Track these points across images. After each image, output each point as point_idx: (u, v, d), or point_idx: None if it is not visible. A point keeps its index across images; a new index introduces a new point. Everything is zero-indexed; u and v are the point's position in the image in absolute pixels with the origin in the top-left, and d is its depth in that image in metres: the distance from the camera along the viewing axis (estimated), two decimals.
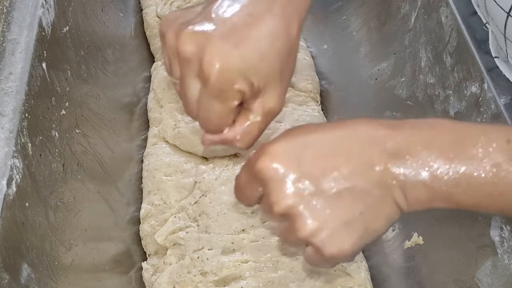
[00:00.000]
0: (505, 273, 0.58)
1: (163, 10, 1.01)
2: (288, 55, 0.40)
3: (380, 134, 0.37)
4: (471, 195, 0.35)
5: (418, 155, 0.35)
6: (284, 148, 0.38)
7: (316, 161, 0.37)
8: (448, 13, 0.75)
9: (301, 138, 0.38)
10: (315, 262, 0.39)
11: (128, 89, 0.93)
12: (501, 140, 0.34)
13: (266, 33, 0.39)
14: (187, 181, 0.82)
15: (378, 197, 0.36)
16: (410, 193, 0.36)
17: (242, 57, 0.38)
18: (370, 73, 0.94)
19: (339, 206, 0.36)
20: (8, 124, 0.54)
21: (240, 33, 0.38)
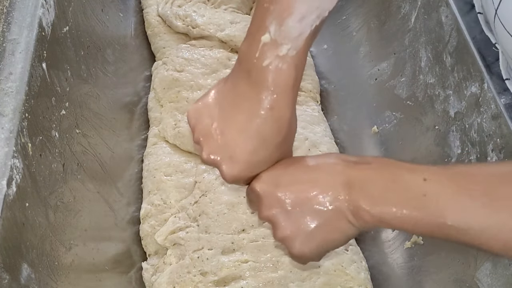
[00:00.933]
0: (504, 273, 0.59)
1: (164, 9, 1.01)
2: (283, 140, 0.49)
3: (338, 169, 0.47)
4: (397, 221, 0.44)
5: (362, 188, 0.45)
6: (269, 175, 0.50)
7: (289, 186, 0.48)
8: (448, 13, 0.75)
9: (282, 168, 0.50)
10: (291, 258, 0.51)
11: (129, 88, 0.93)
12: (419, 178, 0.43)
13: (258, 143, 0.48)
14: (187, 181, 0.82)
15: (333, 216, 0.47)
16: (357, 215, 0.45)
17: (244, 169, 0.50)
18: (370, 73, 0.94)
19: (302, 221, 0.48)
20: (8, 124, 0.54)
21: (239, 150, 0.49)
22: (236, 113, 0.49)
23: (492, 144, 0.63)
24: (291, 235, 0.48)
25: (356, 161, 0.48)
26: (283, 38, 0.45)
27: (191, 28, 0.98)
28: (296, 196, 0.48)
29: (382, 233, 0.81)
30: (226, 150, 0.50)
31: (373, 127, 0.89)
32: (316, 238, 0.48)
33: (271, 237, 0.74)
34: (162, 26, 1.01)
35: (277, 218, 0.49)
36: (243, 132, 0.49)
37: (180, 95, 0.89)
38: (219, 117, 0.51)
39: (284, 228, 0.49)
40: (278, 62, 0.46)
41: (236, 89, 0.50)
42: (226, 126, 0.50)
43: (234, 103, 0.50)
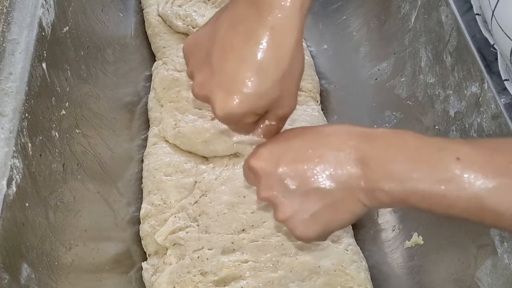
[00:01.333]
0: (505, 272, 0.58)
1: (165, 9, 1.01)
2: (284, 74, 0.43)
3: (349, 144, 0.43)
4: (424, 203, 0.40)
5: (380, 166, 0.41)
6: (269, 150, 0.46)
7: (292, 164, 0.44)
8: (448, 13, 0.75)
9: (284, 142, 0.46)
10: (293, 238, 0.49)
11: (129, 88, 0.93)
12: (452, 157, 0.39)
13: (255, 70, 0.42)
14: (187, 181, 0.82)
15: (341, 196, 0.43)
16: (371, 195, 0.42)
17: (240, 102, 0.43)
18: (370, 73, 0.94)
19: (307, 201, 0.44)
20: (8, 124, 0.54)
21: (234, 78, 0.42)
22: (233, 36, 0.43)
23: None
24: (295, 216, 0.45)
25: (370, 133, 0.44)
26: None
27: (191, 28, 0.98)
28: (300, 175, 0.44)
29: (382, 233, 0.81)
30: (219, 80, 0.43)
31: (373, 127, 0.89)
32: (321, 219, 0.44)
33: (271, 237, 0.75)
34: (163, 26, 1.01)
35: (278, 199, 0.45)
36: (239, 58, 0.42)
37: (180, 95, 0.89)
38: (214, 43, 0.44)
39: (286, 209, 0.45)
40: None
41: (234, 11, 0.44)
42: (220, 52, 0.43)
43: (231, 25, 0.43)
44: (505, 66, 0.66)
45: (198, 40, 0.47)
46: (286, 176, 0.44)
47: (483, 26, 0.70)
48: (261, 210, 0.75)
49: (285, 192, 0.45)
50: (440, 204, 0.40)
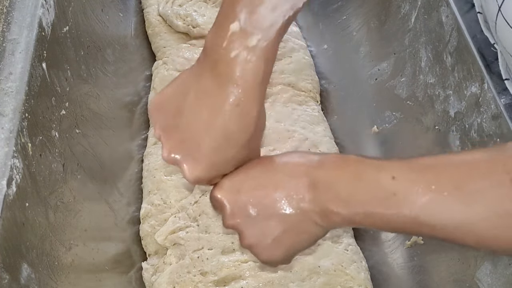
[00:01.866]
0: (505, 273, 0.59)
1: (165, 9, 1.01)
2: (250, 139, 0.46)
3: (301, 170, 0.45)
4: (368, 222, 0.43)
5: (328, 189, 0.44)
6: (230, 181, 0.48)
7: (251, 191, 0.47)
8: (448, 13, 0.75)
9: (243, 172, 0.48)
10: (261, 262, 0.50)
11: (129, 88, 0.93)
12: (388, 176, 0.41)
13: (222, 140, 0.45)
14: None
15: (299, 219, 0.45)
16: (324, 217, 0.44)
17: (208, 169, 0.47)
18: (370, 73, 0.94)
19: (267, 227, 0.46)
20: (8, 124, 0.54)
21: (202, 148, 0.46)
22: (199, 108, 0.46)
23: (492, 144, 0.63)
24: (258, 242, 0.47)
25: (319, 160, 0.46)
26: (254, 27, 0.42)
27: (191, 28, 0.98)
28: (259, 202, 0.46)
29: (382, 233, 0.81)
30: (188, 148, 0.46)
31: (373, 127, 0.89)
32: (283, 243, 0.47)
33: None
34: (163, 26, 1.01)
35: (241, 226, 0.47)
36: (206, 129, 0.45)
37: None
38: (181, 112, 0.47)
39: (250, 236, 0.47)
40: (247, 53, 0.43)
41: (200, 82, 0.46)
42: (189, 122, 0.46)
43: (197, 97, 0.46)
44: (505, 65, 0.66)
45: (164, 103, 0.50)
46: (247, 203, 0.46)
47: (484, 25, 0.70)
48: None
49: (247, 219, 0.47)
50: (382, 222, 0.42)
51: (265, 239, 0.47)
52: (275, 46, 0.44)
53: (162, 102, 0.50)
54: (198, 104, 0.46)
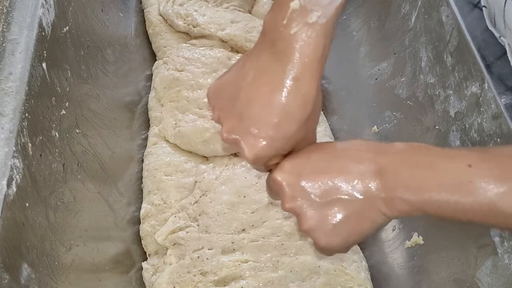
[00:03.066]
0: (505, 272, 0.58)
1: (166, 8, 1.01)
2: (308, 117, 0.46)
3: (367, 157, 0.45)
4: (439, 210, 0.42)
5: (397, 177, 0.43)
6: (291, 163, 0.48)
7: (314, 175, 0.46)
8: (448, 13, 0.75)
9: (306, 155, 0.48)
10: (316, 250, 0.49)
11: (129, 88, 0.93)
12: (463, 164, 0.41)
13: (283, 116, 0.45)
14: (187, 180, 0.82)
15: (362, 206, 0.44)
16: (390, 204, 0.44)
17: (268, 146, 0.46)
18: (370, 73, 0.94)
19: (329, 212, 0.45)
20: (8, 124, 0.54)
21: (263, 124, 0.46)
22: (259, 85, 0.46)
23: (493, 144, 0.63)
24: (317, 227, 0.46)
25: (386, 146, 0.46)
26: (313, 4, 0.43)
27: (192, 27, 0.98)
28: (322, 186, 0.45)
29: (382, 233, 0.81)
30: (248, 126, 0.46)
31: (373, 127, 0.89)
32: (344, 229, 0.46)
33: (271, 237, 0.75)
34: (163, 25, 1.01)
35: (301, 210, 0.46)
36: (266, 105, 0.45)
37: (181, 94, 0.89)
38: (240, 92, 0.47)
39: (310, 219, 0.46)
40: (307, 30, 0.43)
41: (259, 61, 0.47)
42: (248, 100, 0.46)
43: (256, 75, 0.46)
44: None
45: (222, 86, 0.50)
46: (308, 187, 0.46)
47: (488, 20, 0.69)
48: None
49: (308, 203, 0.46)
50: (454, 210, 0.41)
51: (325, 224, 0.46)
52: (333, 24, 0.44)
53: (221, 87, 0.50)
54: (257, 81, 0.46)
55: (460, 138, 0.70)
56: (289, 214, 0.49)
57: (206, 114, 0.87)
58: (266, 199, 0.78)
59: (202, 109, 0.88)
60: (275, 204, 0.78)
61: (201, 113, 0.87)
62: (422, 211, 0.43)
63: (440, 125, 0.74)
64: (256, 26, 0.99)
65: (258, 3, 1.09)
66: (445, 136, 0.73)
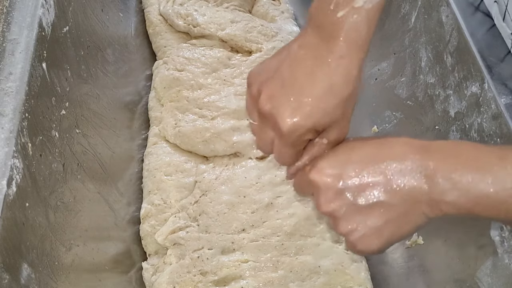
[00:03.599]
0: (505, 272, 0.58)
1: (166, 8, 1.01)
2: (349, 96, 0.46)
3: (411, 157, 0.43)
4: (490, 211, 0.41)
5: (444, 178, 0.41)
6: (329, 164, 0.46)
7: (355, 178, 0.44)
8: (448, 13, 0.75)
9: (345, 154, 0.46)
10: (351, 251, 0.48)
11: (129, 88, 0.93)
12: None
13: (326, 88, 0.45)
14: (187, 180, 0.82)
15: (406, 209, 0.43)
16: (436, 207, 0.42)
17: (308, 116, 0.45)
18: (370, 73, 0.94)
19: (369, 215, 0.44)
20: (8, 124, 0.54)
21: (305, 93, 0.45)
22: (303, 58, 0.46)
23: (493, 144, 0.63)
24: (356, 230, 0.45)
25: (431, 146, 0.44)
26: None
27: (192, 27, 0.98)
28: (363, 189, 0.44)
29: None
30: (290, 93, 0.45)
31: (373, 127, 0.89)
32: (384, 233, 0.44)
33: (271, 237, 0.75)
34: (164, 25, 1.02)
35: (340, 213, 0.45)
36: (309, 77, 0.45)
37: (181, 94, 0.89)
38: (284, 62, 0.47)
39: (348, 223, 0.45)
40: (354, 13, 0.44)
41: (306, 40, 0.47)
42: (292, 70, 0.46)
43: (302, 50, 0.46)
44: None
45: (264, 66, 0.50)
46: (348, 190, 0.44)
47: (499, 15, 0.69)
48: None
49: (347, 206, 0.45)
50: (506, 211, 0.40)
51: (365, 228, 0.44)
52: (378, 10, 0.45)
53: (263, 67, 0.49)
54: (301, 54, 0.46)
55: (460, 138, 0.70)
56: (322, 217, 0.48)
57: (206, 114, 0.87)
58: (266, 199, 0.78)
59: (202, 109, 0.88)
60: (275, 204, 0.77)
61: (201, 113, 0.87)
62: (471, 213, 0.42)
63: (440, 125, 0.74)
64: (256, 26, 0.99)
65: (258, 3, 1.10)
66: (445, 136, 0.73)
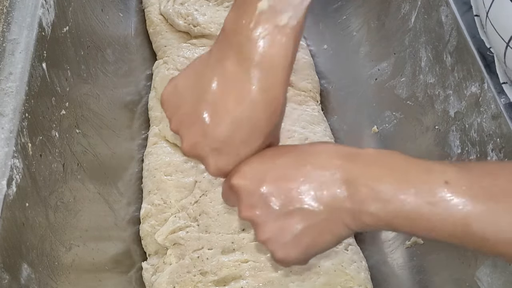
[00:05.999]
0: (505, 272, 0.59)
1: (166, 7, 1.01)
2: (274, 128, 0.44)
3: (335, 164, 0.41)
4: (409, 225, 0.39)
5: (366, 186, 0.40)
6: (252, 168, 0.44)
7: (276, 182, 0.43)
8: (448, 12, 0.75)
9: (268, 161, 0.44)
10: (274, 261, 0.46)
11: (129, 88, 0.93)
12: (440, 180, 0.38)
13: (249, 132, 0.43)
14: (187, 180, 0.82)
15: (325, 217, 0.41)
16: (356, 217, 0.40)
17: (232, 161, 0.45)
18: (370, 73, 0.94)
19: (288, 222, 0.42)
20: (8, 124, 0.54)
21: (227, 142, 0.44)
22: (223, 96, 0.43)
23: (492, 144, 0.63)
24: (275, 238, 0.43)
25: (357, 153, 0.42)
26: (284, 4, 0.40)
27: (192, 27, 0.98)
28: (283, 194, 0.42)
29: (382, 232, 0.81)
30: (212, 141, 0.44)
31: (373, 127, 0.89)
32: (303, 241, 0.43)
33: None
34: (164, 25, 1.02)
35: (260, 219, 0.43)
36: (233, 121, 0.42)
37: None
38: (202, 101, 0.44)
39: (268, 230, 0.43)
40: (277, 33, 0.40)
41: (222, 67, 0.43)
42: (212, 112, 0.43)
43: (220, 84, 0.43)
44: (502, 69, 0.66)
45: (180, 91, 0.47)
46: (269, 195, 0.43)
47: (481, 28, 0.70)
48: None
49: (267, 212, 0.43)
50: (425, 227, 0.39)
51: (283, 236, 0.43)
52: (302, 25, 0.41)
53: (178, 91, 0.47)
54: (223, 94, 0.43)
55: (459, 138, 0.70)
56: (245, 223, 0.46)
57: None
58: None
59: None
60: None
61: None
62: (390, 226, 0.40)
63: (440, 125, 0.74)
64: None
65: None
66: (445, 136, 0.73)
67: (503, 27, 0.57)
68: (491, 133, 0.63)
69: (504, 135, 0.61)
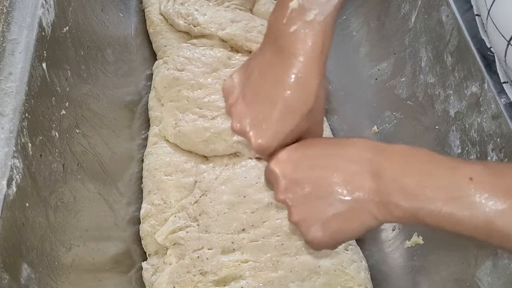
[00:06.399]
0: (505, 272, 0.59)
1: (167, 7, 1.01)
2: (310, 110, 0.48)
3: (365, 157, 0.45)
4: (434, 219, 0.41)
5: (393, 180, 0.43)
6: (288, 155, 0.49)
7: (309, 170, 0.47)
8: (448, 12, 0.75)
9: (303, 149, 0.49)
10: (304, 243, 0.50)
11: (129, 88, 0.93)
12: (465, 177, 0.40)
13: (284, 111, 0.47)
14: (187, 180, 0.82)
15: (353, 206, 0.45)
16: (383, 208, 0.43)
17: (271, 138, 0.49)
18: (370, 73, 0.94)
19: (318, 208, 0.46)
20: (8, 124, 0.54)
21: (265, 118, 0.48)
22: (263, 81, 0.49)
23: (492, 144, 0.63)
24: (306, 220, 0.47)
25: (386, 148, 0.45)
26: (311, 3, 0.45)
27: (192, 27, 0.98)
28: (315, 182, 0.46)
29: (382, 232, 0.81)
30: (254, 118, 0.49)
31: (373, 127, 0.89)
32: (331, 226, 0.46)
33: (271, 237, 0.75)
34: (164, 25, 1.02)
35: (293, 201, 0.48)
36: (269, 100, 0.48)
37: (181, 94, 0.89)
38: (248, 86, 0.50)
39: (299, 213, 0.47)
40: (305, 27, 0.45)
41: (264, 58, 0.49)
42: (254, 94, 0.49)
43: (261, 71, 0.49)
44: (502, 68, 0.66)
45: (233, 82, 0.53)
46: (302, 181, 0.47)
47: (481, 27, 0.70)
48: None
49: (299, 196, 0.47)
50: (449, 222, 0.41)
51: (312, 220, 0.47)
52: (332, 20, 0.46)
53: (232, 82, 0.53)
54: (261, 76, 0.49)
55: (460, 138, 0.70)
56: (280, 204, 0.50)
57: (206, 114, 0.87)
58: (266, 199, 0.78)
59: (202, 109, 0.88)
60: (275, 204, 0.78)
61: (201, 113, 0.87)
62: (416, 219, 0.42)
63: (440, 125, 0.74)
64: (256, 26, 0.99)
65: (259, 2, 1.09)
66: (445, 136, 0.73)
67: (505, 25, 0.57)
68: (491, 133, 0.63)
69: (504, 135, 0.61)
